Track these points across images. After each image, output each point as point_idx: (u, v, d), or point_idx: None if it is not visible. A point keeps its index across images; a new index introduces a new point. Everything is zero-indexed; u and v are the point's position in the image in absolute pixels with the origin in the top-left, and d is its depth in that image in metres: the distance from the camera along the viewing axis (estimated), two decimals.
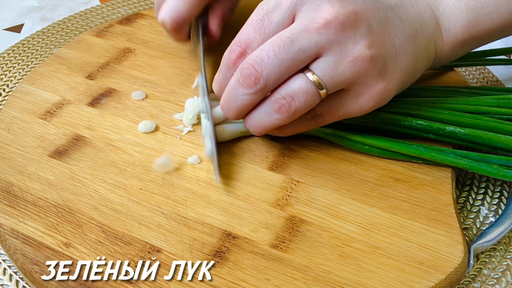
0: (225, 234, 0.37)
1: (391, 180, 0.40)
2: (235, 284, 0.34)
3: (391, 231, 0.37)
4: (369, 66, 0.36)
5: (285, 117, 0.37)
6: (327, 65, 0.36)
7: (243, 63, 0.36)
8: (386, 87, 0.37)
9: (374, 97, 0.37)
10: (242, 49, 0.37)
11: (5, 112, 0.46)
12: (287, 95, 0.36)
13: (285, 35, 0.35)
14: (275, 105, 0.37)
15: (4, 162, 0.41)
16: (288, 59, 0.35)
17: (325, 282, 0.34)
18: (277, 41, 0.35)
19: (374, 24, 0.36)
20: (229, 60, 0.38)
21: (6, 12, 0.65)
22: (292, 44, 0.35)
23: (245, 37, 0.37)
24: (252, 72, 0.36)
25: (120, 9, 0.64)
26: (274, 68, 0.35)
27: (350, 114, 0.39)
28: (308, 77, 0.36)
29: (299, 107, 0.36)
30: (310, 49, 0.35)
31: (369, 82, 0.37)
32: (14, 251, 0.36)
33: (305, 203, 0.39)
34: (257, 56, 0.36)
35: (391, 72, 0.37)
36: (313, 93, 0.36)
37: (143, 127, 0.44)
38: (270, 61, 0.35)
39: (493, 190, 0.43)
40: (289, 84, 0.36)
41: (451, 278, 0.34)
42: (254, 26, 0.37)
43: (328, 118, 0.39)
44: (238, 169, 0.41)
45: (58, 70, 0.51)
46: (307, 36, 0.35)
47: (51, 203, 0.38)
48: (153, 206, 0.38)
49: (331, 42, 0.35)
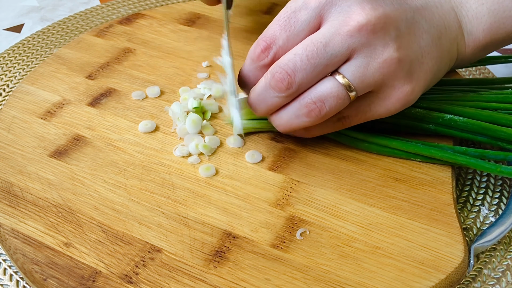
0: (225, 234, 0.37)
1: (391, 180, 0.40)
2: (235, 284, 0.34)
3: (392, 231, 0.37)
4: (397, 68, 0.36)
5: (314, 121, 0.37)
6: (357, 68, 0.36)
7: (275, 66, 0.36)
8: (413, 89, 0.38)
9: (401, 99, 0.38)
10: (267, 44, 0.37)
11: (5, 112, 0.46)
12: (317, 99, 0.36)
13: (318, 39, 0.35)
14: (305, 109, 0.37)
15: (4, 162, 0.41)
16: (321, 64, 0.35)
17: (325, 282, 0.34)
18: (310, 45, 0.35)
19: (402, 27, 0.36)
20: (254, 54, 0.38)
21: (6, 12, 0.65)
22: (325, 49, 0.35)
23: (271, 33, 0.37)
24: (284, 77, 0.36)
25: (120, 9, 0.64)
26: (307, 73, 0.36)
27: (377, 116, 0.39)
28: (338, 80, 0.36)
29: (329, 111, 0.37)
30: (342, 52, 0.35)
31: (397, 84, 0.37)
32: (14, 251, 0.36)
33: (305, 203, 0.39)
34: (290, 61, 0.36)
35: (417, 74, 0.38)
36: (343, 96, 0.36)
37: (143, 127, 0.44)
38: (304, 66, 0.35)
39: (493, 190, 0.43)
40: (320, 87, 0.36)
41: (451, 278, 0.34)
42: (280, 23, 0.37)
43: (355, 120, 0.40)
44: (238, 169, 0.41)
45: (58, 70, 0.51)
46: (339, 40, 0.35)
47: (51, 203, 0.38)
48: (153, 206, 0.38)
49: (362, 45, 0.35)
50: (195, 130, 0.43)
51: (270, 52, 0.37)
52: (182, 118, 0.44)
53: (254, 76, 0.39)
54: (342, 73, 0.36)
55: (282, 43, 0.37)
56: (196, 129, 0.43)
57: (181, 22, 0.57)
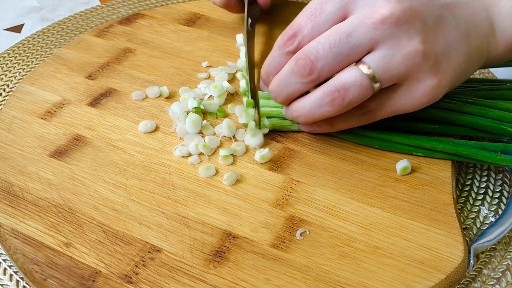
0: (225, 234, 0.37)
1: (391, 180, 0.40)
2: (236, 284, 0.34)
3: (392, 231, 0.37)
4: (422, 61, 0.36)
5: (337, 110, 0.38)
6: (381, 59, 0.36)
7: (299, 53, 0.38)
8: (439, 83, 0.38)
9: (427, 93, 0.38)
10: (293, 32, 0.39)
11: (5, 112, 0.46)
12: (341, 87, 0.37)
13: (341, 29, 0.36)
14: (328, 98, 0.37)
15: (4, 162, 0.41)
16: (343, 53, 0.36)
17: (325, 282, 0.34)
18: (333, 34, 0.36)
19: (429, 21, 0.37)
20: (281, 41, 0.40)
21: (6, 12, 0.65)
22: (347, 39, 0.36)
23: (298, 23, 0.39)
24: (307, 62, 0.37)
25: (120, 9, 0.64)
26: (329, 61, 0.36)
27: (403, 110, 0.39)
28: (362, 70, 0.36)
29: (352, 100, 0.37)
30: (365, 43, 0.36)
31: (422, 77, 0.37)
32: (14, 251, 0.36)
33: (305, 203, 0.39)
34: (313, 48, 0.37)
35: (443, 69, 0.38)
36: (367, 86, 0.37)
37: (143, 127, 0.44)
38: (325, 54, 0.36)
39: (493, 190, 0.43)
40: (343, 76, 0.37)
41: (451, 278, 0.34)
42: (307, 14, 0.38)
43: (380, 114, 0.40)
44: (239, 169, 0.41)
45: (58, 70, 0.51)
46: (362, 31, 0.36)
47: (51, 203, 0.38)
48: (153, 206, 0.38)
49: (386, 37, 0.36)
50: (195, 130, 0.43)
51: (296, 40, 0.38)
52: (182, 118, 0.44)
53: (279, 62, 0.40)
54: (367, 63, 0.36)
55: (307, 32, 0.38)
56: (196, 129, 0.43)
57: (181, 22, 0.57)
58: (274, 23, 0.58)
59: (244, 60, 0.49)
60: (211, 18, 0.58)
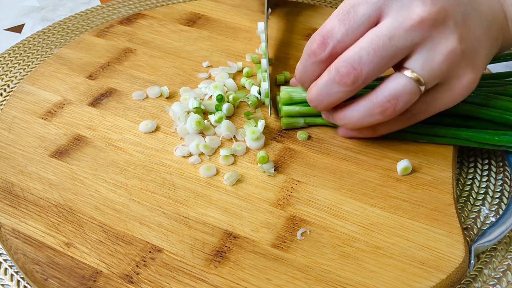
0: (226, 234, 0.37)
1: (392, 180, 0.40)
2: (236, 284, 0.34)
3: (392, 231, 0.37)
4: (461, 58, 0.37)
5: (388, 118, 0.38)
6: (423, 61, 0.36)
7: (339, 61, 0.37)
8: (476, 77, 0.38)
9: (466, 88, 0.38)
10: (323, 39, 0.38)
11: (6, 112, 0.46)
12: (392, 97, 0.37)
13: (382, 32, 0.36)
14: (379, 108, 0.37)
15: (5, 162, 0.41)
16: (387, 57, 0.36)
17: (326, 281, 0.34)
18: (375, 39, 0.36)
19: (459, 19, 0.37)
20: (310, 49, 0.39)
21: (7, 12, 0.65)
22: (390, 42, 0.36)
23: (328, 27, 0.38)
24: (350, 71, 0.36)
25: (120, 9, 0.64)
26: (374, 66, 0.36)
27: (444, 107, 0.40)
28: (408, 76, 0.37)
29: (402, 107, 0.37)
30: (406, 46, 0.36)
31: (461, 73, 0.38)
32: (15, 251, 0.36)
33: (306, 203, 0.39)
34: (356, 54, 0.36)
35: (477, 62, 0.38)
36: (415, 91, 0.37)
37: (144, 127, 0.44)
38: (370, 59, 0.36)
39: (493, 190, 0.43)
40: (391, 85, 0.37)
41: (452, 278, 0.34)
42: (339, 18, 0.37)
43: (424, 115, 0.40)
44: (239, 169, 0.41)
45: (59, 70, 0.51)
46: (403, 33, 0.36)
47: (52, 203, 0.38)
48: (154, 206, 0.38)
49: (424, 39, 0.36)
50: (196, 130, 0.43)
51: (328, 47, 0.38)
52: (183, 118, 0.44)
53: (311, 71, 0.40)
54: (410, 67, 0.37)
55: (341, 37, 0.37)
56: (197, 129, 0.43)
57: (181, 22, 0.57)
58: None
59: (264, 49, 0.48)
60: (212, 18, 0.58)
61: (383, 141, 0.43)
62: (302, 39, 0.55)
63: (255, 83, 0.49)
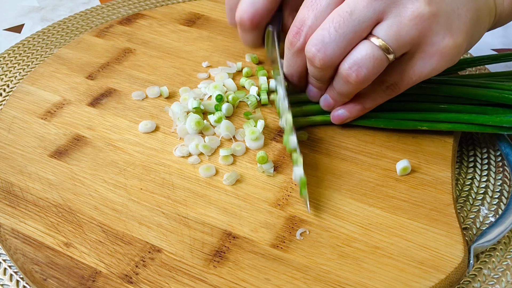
0: (225, 234, 0.37)
1: (391, 180, 0.40)
2: (236, 284, 0.34)
3: (391, 231, 0.37)
4: (432, 22, 0.36)
5: (355, 86, 0.38)
6: (390, 28, 0.36)
7: (307, 46, 0.37)
8: (455, 42, 0.37)
9: (444, 54, 0.37)
10: (297, 28, 0.38)
11: (5, 112, 0.46)
12: (353, 64, 0.37)
13: (343, 9, 0.36)
14: (344, 77, 0.38)
15: (4, 162, 0.41)
16: (350, 32, 0.36)
17: (325, 282, 0.34)
18: (336, 17, 0.36)
19: None
20: (288, 41, 0.40)
21: (7, 12, 0.65)
22: (351, 17, 0.36)
23: (300, 17, 0.38)
24: (315, 53, 0.37)
25: (120, 9, 0.64)
26: (338, 44, 0.36)
27: (424, 76, 0.39)
28: (373, 42, 0.36)
29: (367, 74, 0.37)
30: (370, 17, 0.36)
31: (436, 39, 0.37)
32: (14, 251, 0.36)
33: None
34: (319, 35, 0.37)
35: (456, 26, 0.37)
36: (380, 57, 0.36)
37: (144, 127, 0.44)
38: (332, 38, 0.36)
39: (493, 190, 0.43)
40: (354, 52, 0.37)
41: (451, 278, 0.34)
42: (307, 5, 0.38)
43: (403, 85, 0.40)
44: (239, 169, 0.41)
45: (58, 70, 0.51)
46: (364, 5, 0.35)
47: (51, 203, 0.38)
48: (153, 206, 0.38)
49: (389, 6, 0.36)
50: (195, 130, 0.43)
51: (301, 34, 0.38)
52: (182, 118, 0.44)
53: (293, 62, 0.40)
54: (376, 34, 0.36)
55: (311, 22, 0.38)
56: (196, 129, 0.43)
57: (181, 22, 0.58)
58: None
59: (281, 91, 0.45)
60: (211, 18, 0.58)
61: (382, 141, 0.44)
62: None
63: (254, 83, 0.49)
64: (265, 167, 0.41)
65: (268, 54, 0.50)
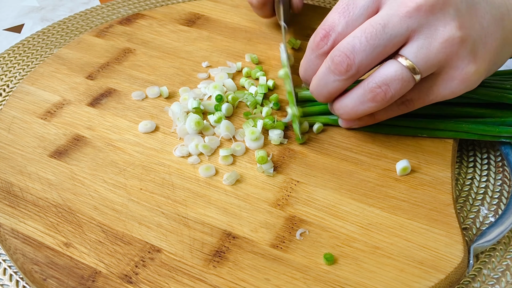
0: (225, 234, 0.37)
1: (391, 180, 0.40)
2: (235, 284, 0.34)
3: (391, 231, 0.37)
4: (460, 48, 0.36)
5: (380, 105, 0.38)
6: (419, 49, 0.36)
7: (334, 50, 0.37)
8: (478, 69, 0.37)
9: (465, 80, 0.37)
10: (326, 32, 0.39)
11: (5, 112, 0.46)
12: (382, 83, 0.37)
13: (376, 21, 0.36)
14: (370, 94, 0.37)
15: (4, 162, 0.41)
16: (380, 45, 0.36)
17: (325, 282, 0.34)
18: (368, 27, 0.36)
19: (462, 7, 0.36)
20: (313, 43, 0.39)
21: (6, 12, 0.65)
22: (384, 30, 0.36)
23: (330, 21, 0.38)
24: (344, 59, 0.37)
25: (120, 10, 0.64)
26: (367, 55, 0.36)
27: (440, 98, 0.39)
28: (401, 63, 0.36)
29: (394, 94, 0.37)
30: (402, 33, 0.36)
31: (460, 64, 0.37)
32: (14, 251, 0.36)
33: (305, 203, 0.39)
34: (349, 43, 0.36)
35: (481, 54, 0.37)
36: (408, 79, 0.36)
37: (143, 127, 0.44)
38: (363, 47, 0.36)
39: (493, 190, 0.43)
40: (383, 71, 0.37)
41: (451, 278, 0.34)
42: (339, 11, 0.38)
43: (418, 103, 0.40)
44: (238, 169, 0.41)
45: (58, 70, 0.51)
46: (397, 21, 0.36)
47: (51, 203, 0.38)
48: (153, 206, 0.38)
49: (421, 26, 0.36)
50: (195, 130, 0.43)
51: (329, 39, 0.38)
52: (182, 118, 0.44)
53: (314, 65, 0.40)
54: (405, 55, 0.36)
55: (341, 29, 0.38)
56: (196, 129, 0.43)
57: (181, 23, 0.58)
58: None
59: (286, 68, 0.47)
60: (211, 18, 0.58)
61: (382, 141, 0.44)
62: (301, 39, 0.55)
63: (254, 83, 0.49)
64: (265, 167, 0.41)
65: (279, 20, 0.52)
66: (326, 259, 0.35)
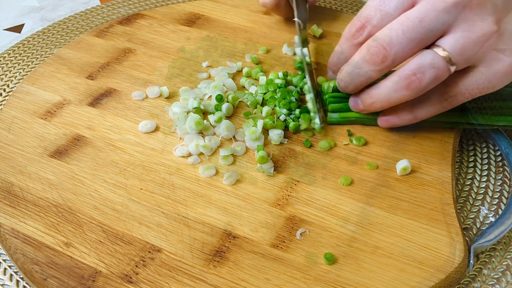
0: (225, 233, 0.37)
1: (391, 180, 0.40)
2: (236, 284, 0.34)
3: (391, 231, 0.37)
4: (499, 41, 0.37)
5: (414, 93, 0.38)
6: (456, 41, 0.37)
7: (370, 41, 0.38)
8: None
9: (506, 72, 0.38)
10: (361, 23, 0.40)
11: (5, 112, 0.46)
12: (418, 70, 0.37)
13: (413, 15, 0.37)
14: (405, 82, 0.38)
15: (4, 162, 0.41)
16: (417, 38, 0.37)
17: (325, 281, 0.34)
18: (405, 20, 0.37)
19: (498, 2, 0.37)
20: (349, 33, 0.41)
21: (7, 12, 0.65)
22: (420, 24, 0.36)
23: (366, 13, 0.39)
24: (380, 50, 0.38)
25: (120, 9, 0.64)
26: (403, 47, 0.37)
27: (484, 91, 0.39)
28: (437, 53, 0.37)
29: (429, 83, 0.38)
30: (438, 27, 0.36)
31: (500, 57, 0.37)
32: (14, 251, 0.36)
33: (305, 203, 0.39)
34: (386, 35, 0.37)
35: None
36: (443, 68, 0.37)
37: (144, 127, 0.44)
38: (399, 40, 0.37)
39: (493, 190, 0.43)
40: (419, 59, 0.37)
41: (451, 278, 0.34)
42: (375, 4, 0.39)
43: (461, 98, 0.40)
44: (239, 169, 0.41)
45: (58, 70, 0.51)
46: (435, 15, 0.36)
47: (51, 203, 0.38)
48: (153, 206, 0.38)
49: (458, 20, 0.36)
50: (195, 130, 0.43)
51: (365, 30, 0.39)
52: (182, 118, 0.44)
53: (348, 53, 0.41)
54: (442, 46, 0.37)
55: (376, 22, 0.39)
56: (196, 129, 0.43)
57: (181, 23, 0.58)
58: None
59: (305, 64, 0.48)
60: (211, 18, 0.58)
61: (382, 141, 0.44)
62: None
63: (254, 83, 0.49)
64: (265, 167, 0.41)
65: (295, 17, 0.53)
66: (326, 259, 0.35)
